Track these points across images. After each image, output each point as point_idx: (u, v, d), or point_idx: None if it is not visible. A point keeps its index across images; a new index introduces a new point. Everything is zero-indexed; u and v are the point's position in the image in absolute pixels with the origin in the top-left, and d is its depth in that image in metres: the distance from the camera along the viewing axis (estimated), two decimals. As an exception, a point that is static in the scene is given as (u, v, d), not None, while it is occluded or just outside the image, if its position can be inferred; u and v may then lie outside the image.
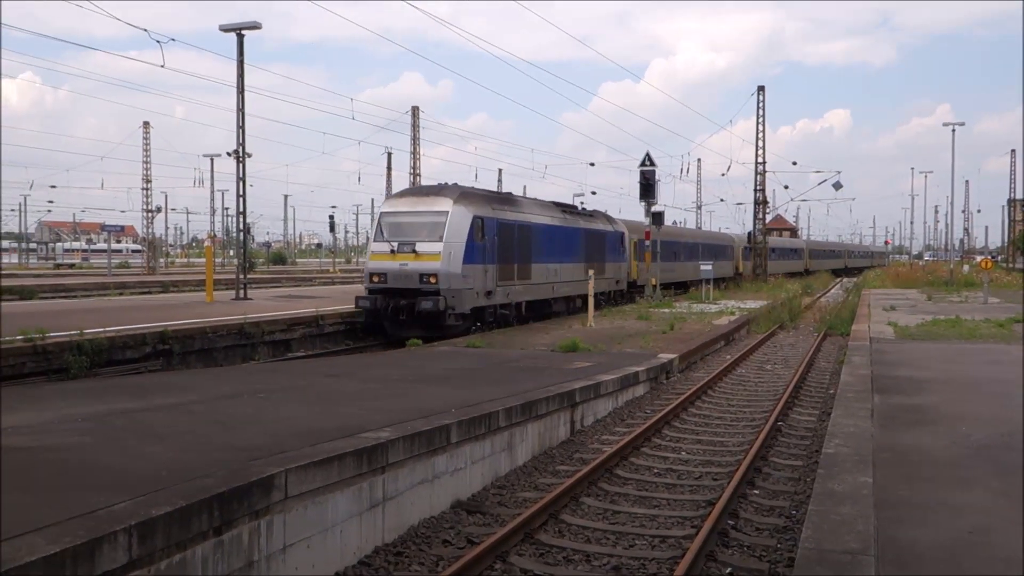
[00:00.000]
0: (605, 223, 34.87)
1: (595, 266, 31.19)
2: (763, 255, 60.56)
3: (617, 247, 35.37)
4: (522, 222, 26.15)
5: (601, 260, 32.92)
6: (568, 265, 29.50)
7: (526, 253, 26.08)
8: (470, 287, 22.45)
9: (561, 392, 12.03)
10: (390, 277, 22.17)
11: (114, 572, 5.07)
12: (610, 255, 34.35)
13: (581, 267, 30.30)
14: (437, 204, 22.87)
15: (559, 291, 28.83)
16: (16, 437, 7.76)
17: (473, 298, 22.66)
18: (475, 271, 22.72)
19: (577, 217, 31.77)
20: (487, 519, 8.57)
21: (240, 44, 27.55)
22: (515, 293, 25.43)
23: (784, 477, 10.17)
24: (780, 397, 14.97)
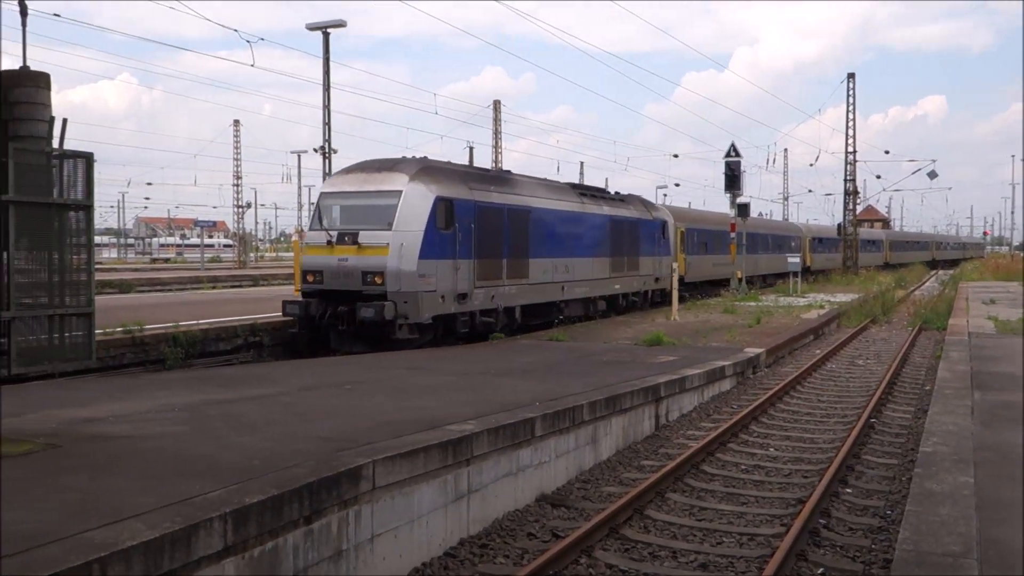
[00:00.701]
0: (639, 209, 29.48)
1: (625, 261, 27.02)
2: (855, 247, 58.91)
3: (656, 238, 29.98)
4: (516, 206, 20.92)
5: (633, 254, 27.85)
6: (585, 260, 24.44)
7: (521, 245, 21.01)
8: (431, 289, 17.35)
9: (645, 386, 11.90)
10: (327, 276, 17.39)
11: (209, 558, 5.21)
12: (646, 247, 28.97)
13: (605, 263, 25.63)
14: (389, 182, 17.66)
15: (572, 292, 23.68)
16: (118, 425, 8.05)
17: (436, 303, 17.55)
18: (439, 268, 17.61)
19: (599, 202, 26.38)
20: (571, 513, 8.54)
21: (326, 42, 28.04)
22: (504, 296, 20.14)
23: (878, 476, 9.87)
24: (873, 393, 14.54)
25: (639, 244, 28.29)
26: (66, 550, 4.58)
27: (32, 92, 7.04)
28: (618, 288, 26.66)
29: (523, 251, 21.06)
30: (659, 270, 29.90)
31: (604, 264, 25.62)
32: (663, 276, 30.01)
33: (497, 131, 60.91)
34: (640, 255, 28.37)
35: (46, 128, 7.16)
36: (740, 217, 36.89)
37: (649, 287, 29.45)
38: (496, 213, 19.98)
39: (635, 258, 27.99)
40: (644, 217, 29.24)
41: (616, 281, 26.53)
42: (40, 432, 7.59)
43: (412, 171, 18.06)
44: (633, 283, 27.82)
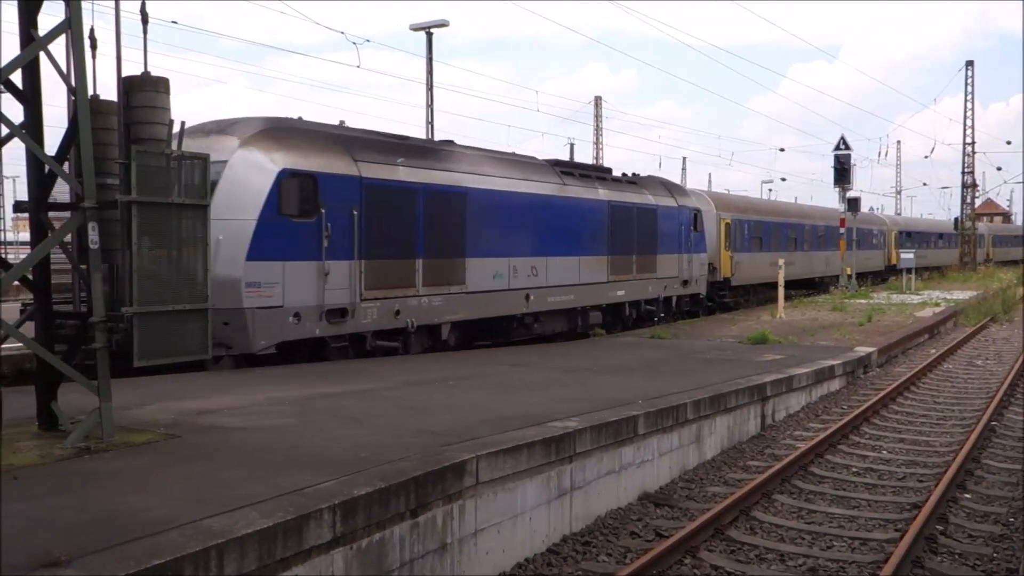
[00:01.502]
0: (659, 194, 23.71)
1: (633, 260, 21.80)
2: (972, 243, 56.46)
3: (682, 231, 24.35)
4: (441, 187, 15.71)
5: (646, 251, 22.48)
6: (568, 260, 19.24)
7: (453, 240, 15.99)
8: (271, 304, 12.55)
9: (751, 385, 11.67)
10: None
11: (319, 548, 5.35)
12: (668, 242, 23.52)
13: (601, 263, 20.46)
14: (216, 149, 11.96)
15: (544, 302, 18.42)
16: (231, 417, 8.34)
17: (282, 324, 12.72)
18: (289, 274, 12.80)
19: (592, 184, 20.74)
20: (675, 513, 8.43)
21: (429, 42, 28.43)
22: (419, 310, 15.13)
23: (1000, 481, 9.43)
24: (994, 395, 13.90)
25: (656, 238, 22.94)
26: (186, 536, 4.77)
27: (152, 96, 7.37)
28: (622, 295, 21.39)
29: (456, 248, 15.89)
30: (688, 271, 24.55)
31: (599, 264, 20.41)
32: (695, 278, 24.98)
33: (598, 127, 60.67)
34: (659, 252, 23.02)
35: (165, 131, 7.46)
36: (799, 205, 36.95)
37: (673, 292, 23.96)
38: (403, 196, 14.85)
39: (650, 256, 22.61)
40: (665, 204, 23.69)
41: (619, 286, 21.21)
42: (160, 423, 7.93)
43: (247, 134, 13.01)
44: (647, 288, 22.48)
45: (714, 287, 27.78)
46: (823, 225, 39.57)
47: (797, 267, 34.50)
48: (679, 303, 24.78)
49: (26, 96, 7.29)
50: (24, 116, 7.32)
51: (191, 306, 7.43)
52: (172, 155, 7.26)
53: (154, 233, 7.14)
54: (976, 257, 58.79)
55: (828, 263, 38.64)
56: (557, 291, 18.97)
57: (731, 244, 29.42)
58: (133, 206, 7.00)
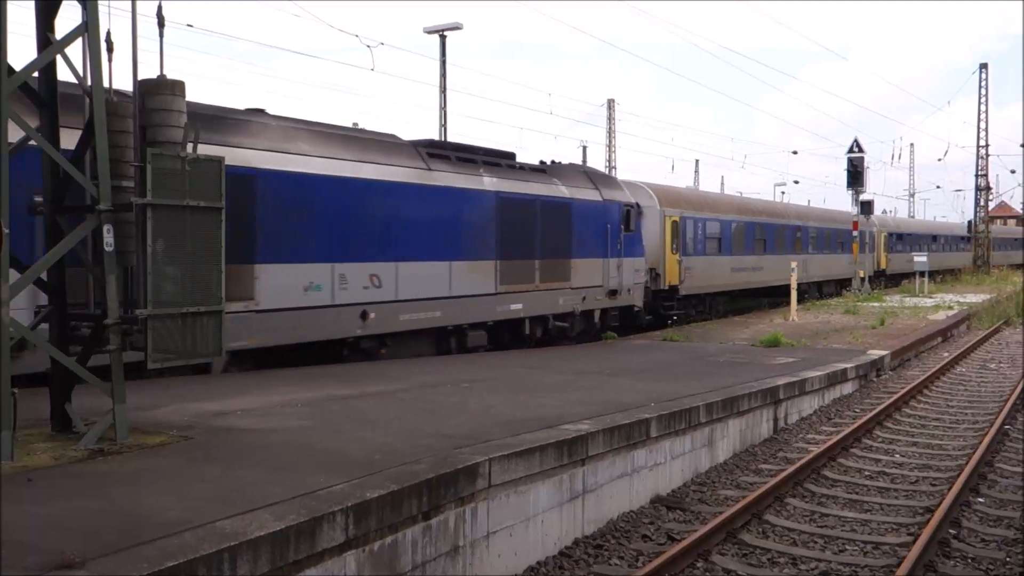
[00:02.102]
0: (577, 185, 19.73)
1: (535, 266, 17.85)
2: (986, 246, 56.17)
3: (610, 231, 20.28)
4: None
5: (560, 254, 18.58)
6: (432, 266, 15.32)
7: (232, 239, 9.16)
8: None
9: (764, 388, 11.64)
10: None
11: (332, 550, 5.36)
12: (587, 246, 19.50)
13: (487, 268, 16.59)
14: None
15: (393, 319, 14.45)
16: (246, 419, 8.37)
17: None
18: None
19: (478, 171, 16.81)
20: (687, 516, 8.42)
21: (443, 45, 28.47)
22: None
23: (1013, 485, 9.38)
24: (1007, 399, 13.82)
25: (571, 239, 19.00)
26: (199, 538, 4.79)
27: (168, 100, 7.39)
28: (519, 310, 17.37)
29: (240, 251, 11.43)
30: (618, 278, 20.53)
31: (483, 272, 16.49)
32: (626, 287, 20.95)
33: (611, 130, 60.61)
34: (574, 256, 19.04)
35: (181, 134, 7.50)
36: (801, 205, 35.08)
37: (595, 305, 19.89)
38: None
39: (561, 261, 18.66)
40: (584, 198, 19.60)
41: (514, 299, 17.21)
42: (174, 424, 7.97)
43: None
44: (557, 300, 18.51)
45: (658, 297, 23.62)
46: (809, 226, 35.73)
47: (766, 272, 30.31)
48: (605, 318, 20.50)
49: (42, 99, 7.34)
50: (40, 119, 7.37)
51: (205, 308, 7.46)
52: (187, 158, 7.30)
53: (169, 235, 7.17)
54: (946, 263, 53.38)
55: (808, 268, 34.14)
56: (415, 306, 14.81)
57: (680, 246, 24.74)
58: (148, 208, 7.04)
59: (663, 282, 23.97)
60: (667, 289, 24.10)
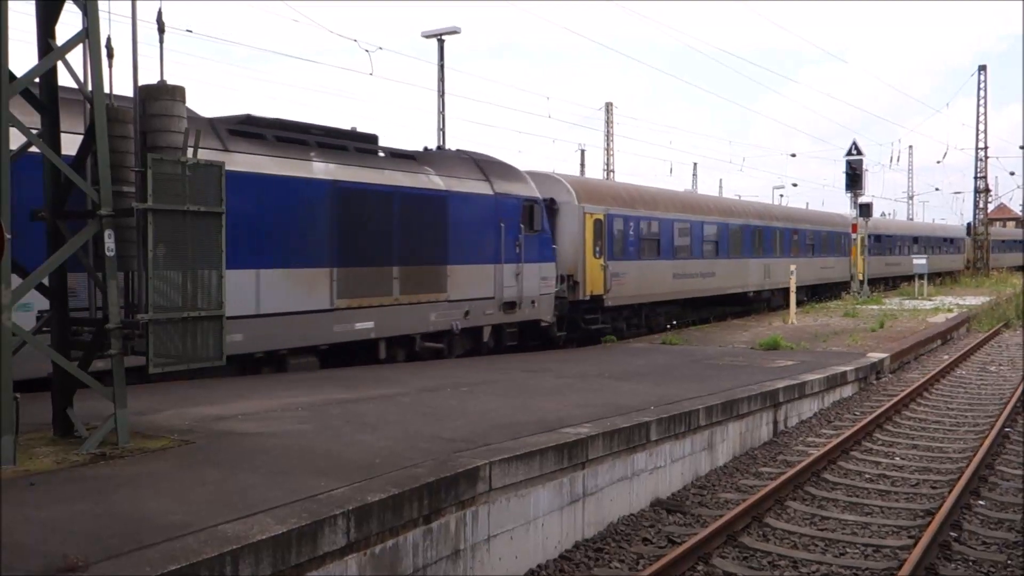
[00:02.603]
0: (458, 176, 16.46)
1: (400, 274, 14.71)
2: (985, 248, 56.23)
3: (506, 231, 17.15)
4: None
5: (431, 259, 15.41)
6: (230, 275, 8.94)
7: None
8: None
9: (763, 391, 11.66)
10: None
11: (333, 554, 5.37)
12: (470, 248, 16.36)
13: (319, 278, 13.40)
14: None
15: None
16: (246, 423, 8.38)
17: None
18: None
19: (308, 155, 13.60)
20: (687, 519, 8.43)
21: (441, 50, 28.50)
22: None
23: (1014, 488, 9.39)
24: (1008, 401, 13.84)
25: (446, 241, 15.67)
26: (201, 542, 4.81)
27: (169, 105, 7.41)
28: (368, 329, 14.19)
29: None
30: (516, 288, 17.39)
31: (313, 282, 13.34)
32: (529, 298, 17.82)
33: (609, 133, 60.65)
34: (451, 262, 15.79)
35: (181, 139, 7.52)
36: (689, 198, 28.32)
37: (484, 321, 16.75)
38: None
39: (433, 268, 15.44)
40: (467, 191, 16.43)
41: (360, 315, 14.05)
42: (175, 428, 7.98)
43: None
44: (428, 316, 15.35)
45: (579, 309, 20.39)
46: (776, 227, 31.99)
47: (720, 279, 27.06)
48: (499, 335, 17.32)
49: (43, 104, 7.36)
50: (41, 124, 7.39)
51: (206, 313, 7.48)
52: (188, 163, 7.32)
53: (170, 240, 7.18)
54: (933, 266, 47.62)
55: (773, 273, 31.04)
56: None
57: (605, 249, 21.20)
58: (149, 214, 7.05)
59: (583, 291, 20.32)
60: (589, 300, 20.56)
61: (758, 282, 30.12)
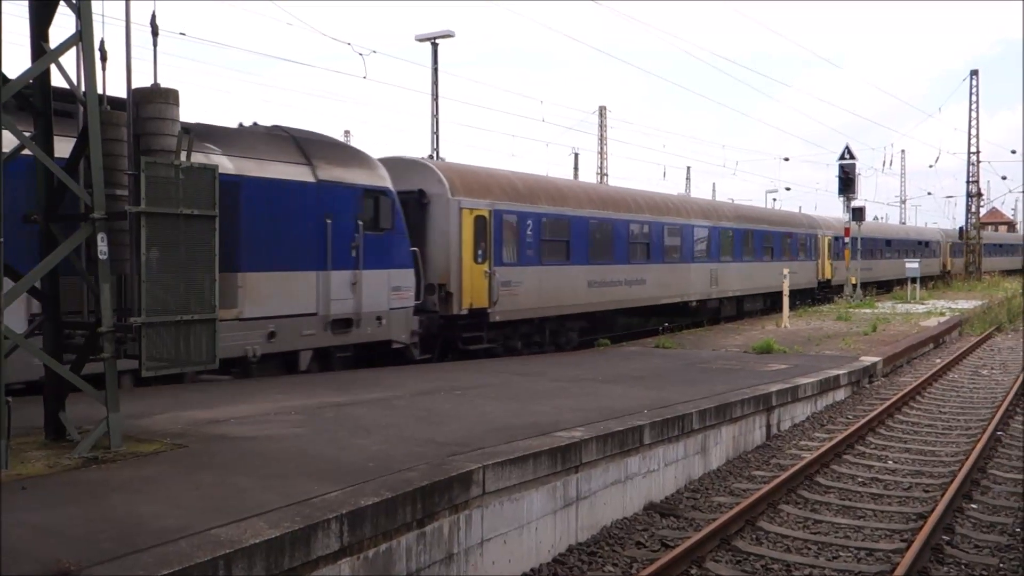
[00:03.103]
0: (263, 156, 13.09)
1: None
2: (977, 252, 56.42)
3: (336, 230, 13.81)
4: None
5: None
6: None
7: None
8: None
9: (756, 395, 11.67)
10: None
11: (327, 558, 5.37)
12: (280, 251, 13.04)
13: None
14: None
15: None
16: (240, 426, 8.37)
17: None
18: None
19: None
20: (681, 523, 8.44)
21: (435, 53, 28.51)
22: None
23: (1006, 492, 9.42)
24: (999, 405, 13.88)
25: (238, 240, 12.11)
26: (194, 546, 4.80)
27: (162, 108, 7.41)
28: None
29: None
30: (353, 301, 14.05)
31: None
32: (373, 314, 14.44)
33: (603, 137, 60.73)
34: (244, 268, 12.37)
35: (175, 142, 7.51)
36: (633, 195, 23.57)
37: (305, 344, 13.38)
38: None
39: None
40: (272, 176, 12.95)
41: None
42: (168, 432, 7.96)
43: None
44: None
45: (456, 326, 16.95)
46: (723, 227, 27.79)
47: (651, 287, 23.30)
48: (327, 360, 13.95)
49: (37, 108, 7.35)
50: (34, 127, 7.38)
51: (199, 316, 7.47)
52: (181, 166, 7.31)
53: (163, 244, 7.18)
54: (908, 271, 42.08)
55: (721, 279, 27.34)
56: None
57: (490, 253, 17.54)
58: (142, 217, 7.05)
59: (457, 304, 16.69)
60: (467, 314, 16.92)
61: (703, 290, 26.32)
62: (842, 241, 37.49)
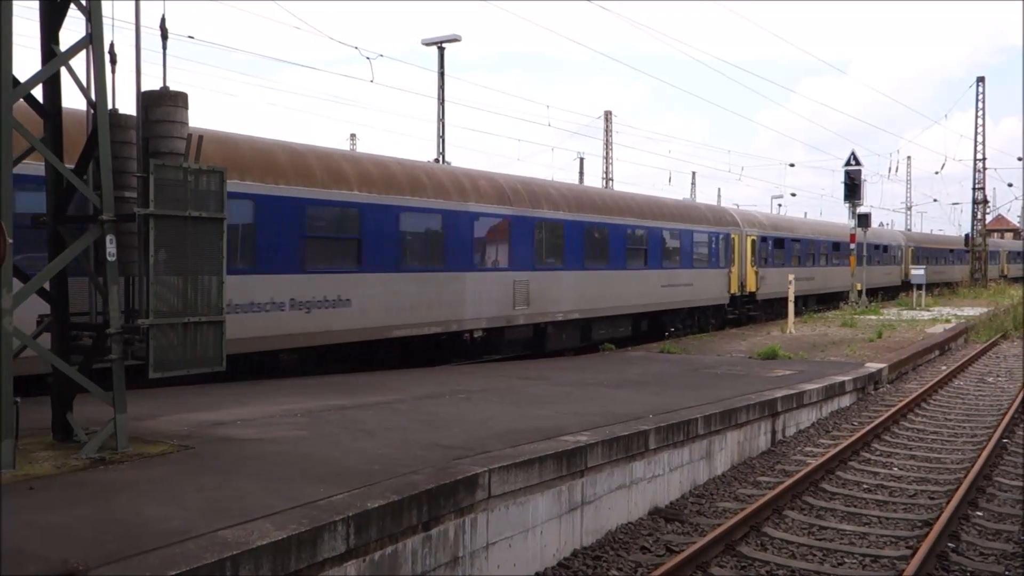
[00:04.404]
0: None
1: None
2: (983, 259, 56.33)
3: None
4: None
5: None
6: None
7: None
8: None
9: (762, 401, 11.67)
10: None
11: (333, 560, 5.38)
12: None
13: None
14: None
15: None
16: (245, 429, 8.38)
17: None
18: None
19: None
20: (686, 528, 8.43)
21: (441, 57, 28.56)
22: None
23: (1012, 499, 9.40)
24: (1005, 412, 13.85)
25: None
26: (201, 547, 4.81)
27: (171, 111, 7.43)
28: None
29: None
30: None
31: None
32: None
33: (608, 142, 60.75)
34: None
35: (184, 145, 7.54)
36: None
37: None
38: None
39: None
40: None
41: None
42: (174, 434, 7.98)
43: None
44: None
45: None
46: (544, 219, 19.04)
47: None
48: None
49: (47, 110, 7.39)
50: (44, 130, 7.41)
51: (206, 318, 7.49)
52: (189, 169, 7.34)
53: (171, 246, 7.20)
54: (868, 279, 39.04)
55: (531, 295, 18.49)
56: None
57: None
58: (151, 219, 7.07)
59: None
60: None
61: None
62: (771, 242, 30.66)
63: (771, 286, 30.07)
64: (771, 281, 30.08)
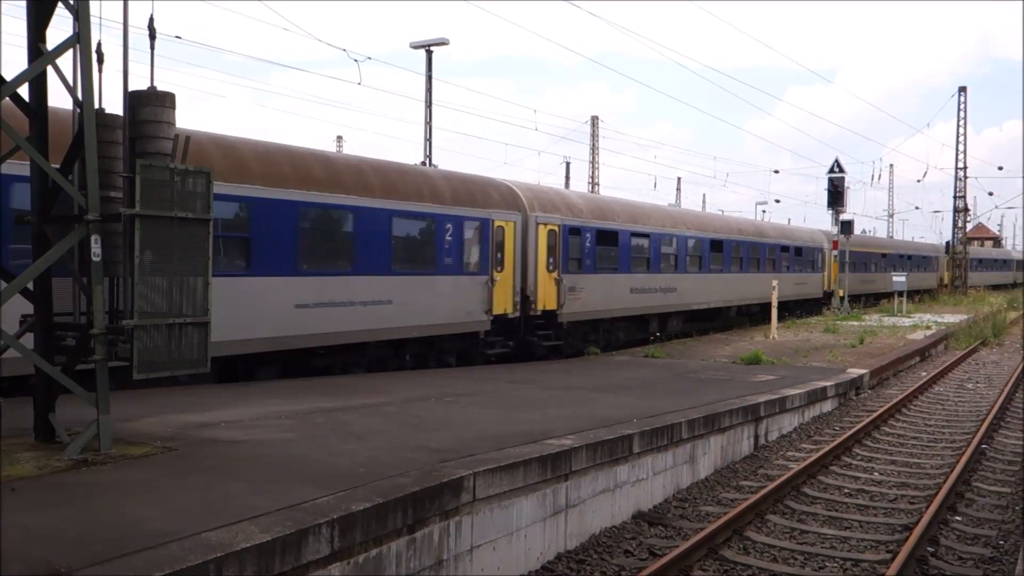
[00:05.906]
0: None
1: None
2: (963, 266, 56.80)
3: None
4: None
5: None
6: None
7: None
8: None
9: (745, 405, 11.73)
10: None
11: (317, 563, 5.37)
12: None
13: None
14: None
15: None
16: (230, 431, 8.36)
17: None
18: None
19: None
20: (669, 532, 8.47)
21: (429, 60, 28.56)
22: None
23: (990, 504, 9.50)
24: (984, 418, 13.99)
25: None
26: (185, 549, 4.80)
27: (158, 111, 7.42)
28: None
29: None
30: None
31: None
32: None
33: (595, 147, 60.87)
34: None
35: (170, 145, 7.52)
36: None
37: None
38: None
39: None
40: None
41: None
42: (158, 436, 7.95)
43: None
44: None
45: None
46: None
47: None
48: None
49: (32, 109, 7.35)
50: (30, 129, 7.38)
51: (191, 319, 7.47)
52: (176, 169, 7.32)
53: (156, 246, 7.18)
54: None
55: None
56: None
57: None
58: (136, 219, 7.05)
59: None
60: None
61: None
62: (590, 236, 20.64)
63: (591, 302, 20.79)
64: (592, 293, 20.82)
